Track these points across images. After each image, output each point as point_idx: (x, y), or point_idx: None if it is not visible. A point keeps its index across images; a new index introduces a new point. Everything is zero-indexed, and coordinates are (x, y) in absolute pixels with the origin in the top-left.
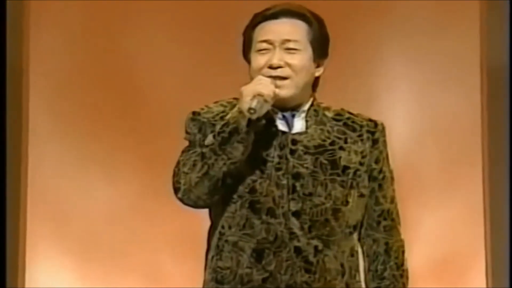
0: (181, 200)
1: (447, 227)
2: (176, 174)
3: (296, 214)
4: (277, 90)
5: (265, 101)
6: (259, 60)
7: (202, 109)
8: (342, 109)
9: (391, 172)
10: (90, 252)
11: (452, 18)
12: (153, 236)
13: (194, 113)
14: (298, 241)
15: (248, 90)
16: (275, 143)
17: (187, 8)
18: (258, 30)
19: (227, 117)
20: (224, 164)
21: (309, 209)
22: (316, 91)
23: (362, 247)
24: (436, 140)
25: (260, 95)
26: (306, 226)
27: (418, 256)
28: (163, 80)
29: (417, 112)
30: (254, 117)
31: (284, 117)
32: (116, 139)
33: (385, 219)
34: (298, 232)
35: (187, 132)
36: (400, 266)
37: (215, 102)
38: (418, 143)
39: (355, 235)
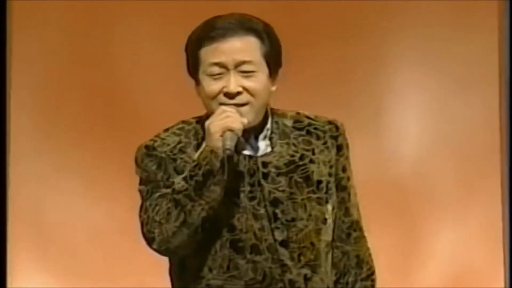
0: (157, 251)
1: (463, 243)
2: (146, 223)
3: (284, 244)
4: (245, 121)
5: (236, 135)
6: (212, 85)
7: (155, 141)
8: (298, 113)
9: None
10: (73, 273)
11: (468, 20)
12: (140, 256)
13: (147, 147)
14: (291, 273)
15: (216, 126)
16: (243, 170)
17: (178, 12)
18: (206, 50)
19: (196, 156)
20: (203, 209)
21: (296, 236)
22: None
23: None
24: (451, 151)
25: (230, 130)
26: (295, 255)
27: (432, 273)
28: (152, 88)
29: (431, 121)
30: (230, 154)
31: (246, 141)
32: (101, 153)
33: (355, 230)
34: (289, 263)
35: (141, 169)
36: (370, 275)
37: (165, 131)
38: (432, 155)
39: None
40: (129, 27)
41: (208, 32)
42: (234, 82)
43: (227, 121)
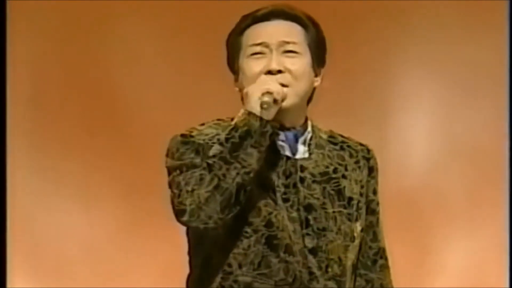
0: (187, 223)
1: (474, 255)
2: (177, 196)
3: (313, 252)
4: (285, 90)
5: (275, 100)
6: (253, 66)
7: (191, 131)
8: (331, 131)
9: None
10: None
11: (477, 21)
12: (135, 270)
13: (184, 135)
14: (318, 282)
15: (255, 89)
16: (278, 170)
17: (176, 17)
18: (248, 33)
19: (233, 122)
20: (238, 174)
21: (325, 246)
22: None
23: None
24: (460, 161)
25: (269, 92)
26: (323, 266)
27: (443, 285)
28: (148, 95)
29: (439, 130)
30: (266, 115)
31: (287, 140)
32: (95, 163)
33: (381, 257)
34: (316, 272)
35: (175, 159)
36: None
37: (201, 125)
38: (440, 165)
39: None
40: (127, 34)
41: (250, 18)
42: (276, 60)
43: (265, 85)
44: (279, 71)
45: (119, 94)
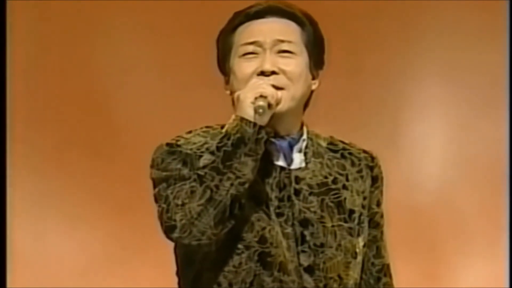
0: (178, 239)
1: (489, 278)
2: (166, 211)
3: (309, 270)
4: (279, 94)
5: (269, 104)
6: (245, 67)
7: (178, 140)
8: (332, 137)
9: None
10: None
11: (497, 27)
12: None
13: (170, 145)
14: None
15: (247, 93)
16: (272, 181)
17: (171, 26)
18: (241, 31)
19: (224, 129)
20: (232, 185)
21: (323, 264)
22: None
23: None
24: (477, 177)
25: (262, 96)
26: (321, 285)
27: None
28: (139, 110)
29: (453, 141)
30: (260, 121)
31: (281, 148)
32: (83, 181)
33: (385, 275)
34: None
35: (160, 170)
36: None
37: (188, 132)
38: (456, 180)
39: None
40: (118, 45)
41: (242, 15)
42: (269, 60)
43: (258, 88)
44: (273, 72)
45: (110, 110)
